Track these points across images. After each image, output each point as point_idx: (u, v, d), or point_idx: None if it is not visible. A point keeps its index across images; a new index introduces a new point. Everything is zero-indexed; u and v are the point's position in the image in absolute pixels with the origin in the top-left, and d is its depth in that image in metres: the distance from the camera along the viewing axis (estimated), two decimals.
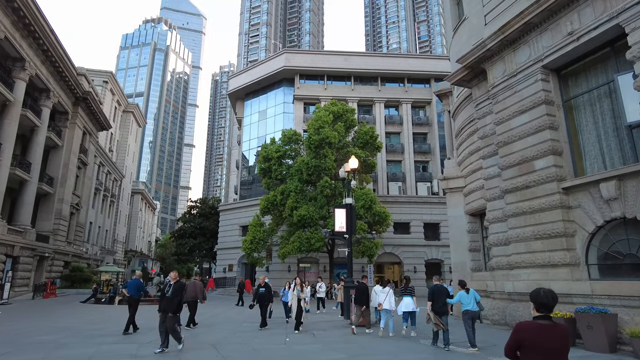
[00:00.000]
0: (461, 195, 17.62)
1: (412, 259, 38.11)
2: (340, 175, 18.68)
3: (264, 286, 13.99)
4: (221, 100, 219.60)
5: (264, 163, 34.00)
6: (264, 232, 32.97)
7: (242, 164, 46.99)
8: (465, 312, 9.95)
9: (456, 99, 18.48)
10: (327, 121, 31.08)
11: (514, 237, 12.61)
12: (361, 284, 13.50)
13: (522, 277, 12.17)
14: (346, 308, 16.21)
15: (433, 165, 42.41)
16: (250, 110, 47.08)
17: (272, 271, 36.99)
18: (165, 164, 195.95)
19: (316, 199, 30.72)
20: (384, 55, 47.56)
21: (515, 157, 12.89)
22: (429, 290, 10.33)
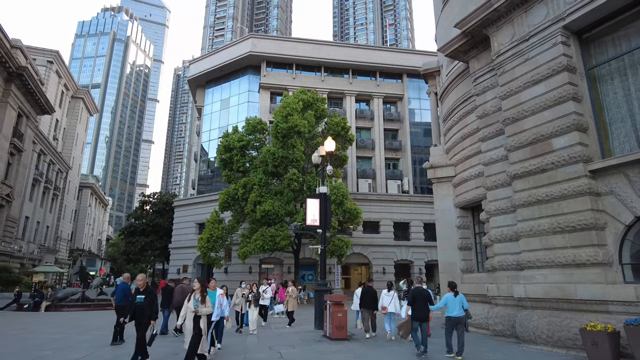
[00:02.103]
0: (450, 186, 15.49)
1: (382, 260, 36.08)
2: (314, 160, 16.11)
3: (144, 291, 8.68)
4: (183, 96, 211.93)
5: (224, 153, 30.86)
6: (223, 229, 29.83)
7: (201, 157, 43.43)
8: (448, 319, 9.06)
9: (445, 78, 16.38)
10: (297, 109, 28.43)
11: (526, 231, 10.47)
12: (369, 287, 12.69)
13: (536, 279, 10.03)
14: (318, 316, 13.60)
15: (404, 163, 40.70)
16: (211, 99, 43.62)
17: (231, 273, 33.82)
18: (121, 160, 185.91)
19: (282, 193, 27.97)
20: (356, 47, 45.53)
21: (526, 135, 10.79)
22: (410, 294, 9.42)
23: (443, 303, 9.28)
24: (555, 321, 9.32)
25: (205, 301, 7.84)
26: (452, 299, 9.10)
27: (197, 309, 7.72)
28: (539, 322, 9.64)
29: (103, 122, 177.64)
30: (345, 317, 11.40)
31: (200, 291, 7.90)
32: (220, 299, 9.52)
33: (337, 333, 11.18)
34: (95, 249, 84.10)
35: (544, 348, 9.44)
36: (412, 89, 42.75)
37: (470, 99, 14.33)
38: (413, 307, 9.17)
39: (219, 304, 9.32)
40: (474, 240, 14.63)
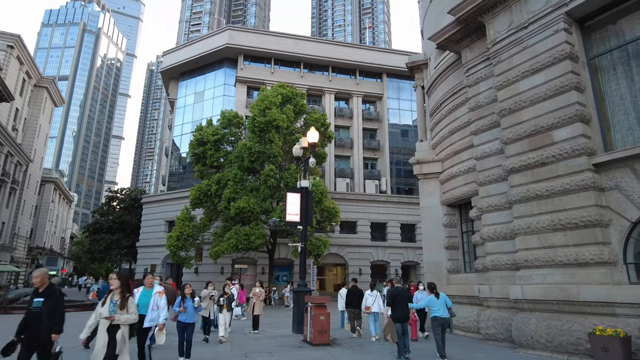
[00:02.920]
0: (437, 182, 14.82)
1: (358, 260, 35.35)
2: (295, 153, 15.11)
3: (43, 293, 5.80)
4: (156, 92, 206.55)
5: (197, 147, 29.43)
6: (194, 227, 28.41)
7: (172, 152, 41.61)
8: (434, 318, 8.70)
9: (433, 71, 15.74)
10: (275, 102, 27.35)
11: (523, 228, 9.83)
12: (354, 287, 12.98)
13: (534, 279, 9.39)
14: (297, 319, 12.61)
15: (382, 163, 40.20)
16: (185, 92, 41.89)
17: (201, 273, 32.32)
18: (89, 156, 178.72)
19: (258, 190, 26.81)
20: (337, 44, 44.80)
21: (525, 127, 10.18)
22: (387, 294, 9.15)
23: (425, 304, 8.99)
24: (555, 324, 8.68)
25: (128, 305, 5.76)
26: (434, 300, 8.82)
27: (113, 316, 5.60)
28: (537, 326, 8.99)
29: (70, 116, 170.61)
30: (328, 321, 10.48)
31: (120, 292, 5.80)
32: (158, 300, 7.43)
33: (319, 338, 10.23)
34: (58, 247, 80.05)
35: (543, 353, 8.80)
36: (391, 88, 42.37)
37: (460, 92, 13.71)
38: (392, 307, 8.77)
39: (154, 305, 7.39)
40: (461, 239, 14.00)
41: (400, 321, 8.75)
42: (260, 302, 13.64)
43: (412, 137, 42.05)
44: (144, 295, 7.64)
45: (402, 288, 9.33)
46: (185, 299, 8.43)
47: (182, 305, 8.30)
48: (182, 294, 8.51)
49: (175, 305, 8.42)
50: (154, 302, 7.50)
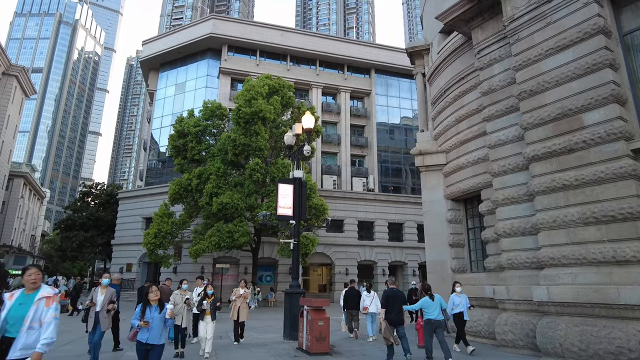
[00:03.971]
0: (440, 175, 13.77)
1: (345, 260, 34.22)
2: (287, 141, 13.81)
3: None
4: (135, 87, 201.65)
5: (178, 140, 27.77)
6: (173, 224, 26.73)
7: (151, 145, 39.67)
8: (428, 321, 8.46)
9: (436, 56, 14.68)
10: (262, 93, 25.95)
11: (547, 222, 8.81)
12: (352, 288, 13.02)
13: (562, 279, 8.36)
14: (289, 324, 11.32)
15: (369, 161, 39.19)
16: (165, 83, 39.99)
17: (181, 273, 30.59)
18: (64, 151, 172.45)
19: (243, 185, 25.36)
20: (324, 37, 43.53)
21: (548, 110, 9.16)
22: (383, 295, 8.63)
23: (419, 306, 8.67)
24: (589, 330, 7.66)
25: None
26: (429, 302, 8.48)
27: None
28: (567, 332, 7.95)
29: (45, 110, 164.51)
30: (328, 326, 9.24)
31: None
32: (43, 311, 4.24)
33: (317, 346, 8.98)
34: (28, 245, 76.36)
35: None
36: (379, 85, 41.45)
37: (468, 77, 12.68)
38: (387, 309, 8.37)
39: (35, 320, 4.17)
40: (467, 237, 12.97)
41: (395, 324, 8.36)
42: (247, 306, 11.20)
43: (400, 135, 41.27)
44: (18, 304, 4.26)
45: (397, 289, 8.82)
46: (148, 307, 5.75)
47: (144, 318, 5.65)
48: (144, 299, 5.84)
49: (134, 317, 5.73)
50: (33, 315, 4.18)
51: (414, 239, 36.75)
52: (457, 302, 9.84)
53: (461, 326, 9.85)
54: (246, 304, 11.05)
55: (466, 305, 9.84)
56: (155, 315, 5.68)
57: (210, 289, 9.52)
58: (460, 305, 9.77)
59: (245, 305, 10.99)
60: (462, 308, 9.75)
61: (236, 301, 10.94)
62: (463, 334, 9.84)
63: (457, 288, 9.90)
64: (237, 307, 10.86)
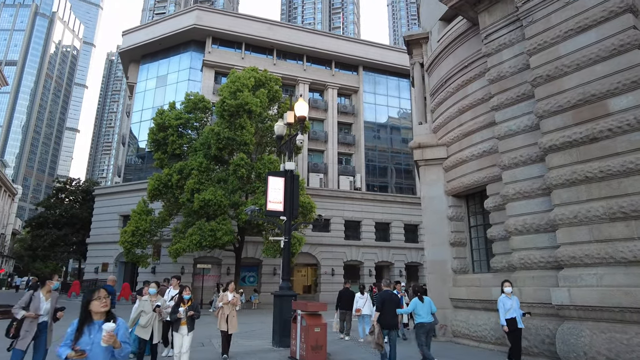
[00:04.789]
0: (440, 169, 12.96)
1: (331, 260, 33.29)
2: (277, 131, 12.79)
3: None
4: (116, 83, 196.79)
5: (158, 133, 26.39)
6: (152, 221, 25.37)
7: (130, 140, 37.98)
8: (420, 325, 8.06)
9: (436, 45, 13.89)
10: (248, 85, 24.82)
11: (567, 218, 8.04)
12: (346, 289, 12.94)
13: (586, 280, 7.59)
14: (279, 329, 10.30)
15: (357, 159, 38.39)
16: (146, 75, 38.37)
17: (160, 273, 29.12)
18: (40, 148, 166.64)
19: (226, 181, 24.16)
20: (312, 32, 42.59)
21: (568, 96, 8.41)
22: (377, 298, 8.27)
23: (411, 308, 8.22)
24: (619, 338, 6.90)
25: None
26: (420, 305, 8.08)
27: None
28: (593, 339, 7.18)
29: (19, 104, 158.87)
30: (325, 334, 8.27)
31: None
32: None
33: (313, 356, 7.99)
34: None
35: None
36: (367, 82, 40.72)
37: (472, 65, 11.91)
38: (381, 312, 7.95)
39: None
40: (469, 235, 12.18)
41: (389, 328, 7.99)
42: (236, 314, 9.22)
43: (388, 134, 40.60)
44: None
45: (391, 292, 8.38)
46: (88, 325, 3.48)
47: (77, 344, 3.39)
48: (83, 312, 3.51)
49: (65, 341, 3.44)
50: None
51: (401, 239, 36.12)
52: (507, 306, 7.90)
53: (516, 338, 7.88)
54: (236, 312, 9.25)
55: (519, 309, 8.00)
56: (94, 338, 3.40)
57: (187, 293, 7.72)
58: (512, 309, 7.88)
59: (236, 313, 9.22)
60: (515, 313, 7.85)
61: (224, 308, 9.03)
62: (518, 349, 7.87)
63: (506, 288, 8.08)
64: (226, 316, 8.98)
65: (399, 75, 42.06)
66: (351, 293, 12.82)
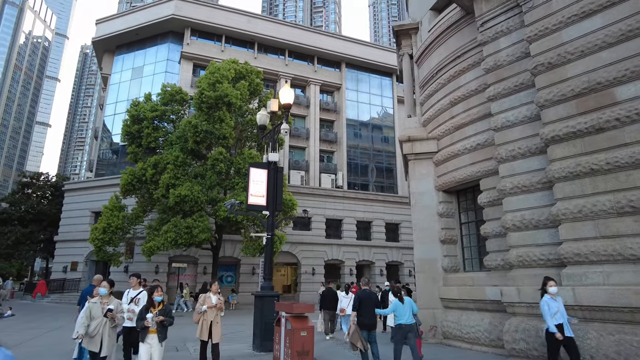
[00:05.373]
0: (430, 163, 12.44)
1: (311, 259, 32.61)
2: (260, 120, 12.00)
3: None
4: (90, 77, 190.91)
5: (132, 126, 25.17)
6: (125, 218, 24.15)
7: (103, 134, 36.35)
8: (399, 326, 7.76)
9: (426, 35, 13.37)
10: (227, 77, 23.87)
11: (571, 212, 7.57)
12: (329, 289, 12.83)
13: (591, 279, 7.13)
14: (260, 332, 9.53)
15: (339, 157, 37.80)
16: (121, 66, 36.79)
17: (133, 272, 27.81)
18: (7, 142, 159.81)
19: (204, 177, 23.16)
20: (294, 26, 41.70)
21: (571, 85, 7.96)
22: (354, 297, 8.06)
23: (391, 310, 7.95)
24: (629, 340, 6.44)
25: None
26: (400, 306, 7.81)
27: None
28: (600, 341, 6.71)
29: None
30: (312, 338, 7.56)
31: None
32: None
33: None
34: None
35: None
36: (350, 79, 40.19)
37: (466, 54, 11.41)
38: (359, 312, 7.72)
39: None
40: (460, 232, 11.69)
41: (367, 329, 7.74)
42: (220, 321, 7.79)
43: (370, 132, 40.15)
44: None
45: (369, 291, 8.13)
46: None
47: None
48: None
49: None
50: None
51: (382, 238, 35.76)
52: (554, 309, 6.71)
53: (571, 348, 6.57)
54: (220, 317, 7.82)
55: (565, 314, 6.82)
56: None
57: (159, 294, 6.33)
58: (559, 313, 6.71)
59: (220, 319, 7.77)
60: (562, 318, 6.70)
61: (207, 313, 7.52)
62: None
63: (551, 288, 6.82)
64: (209, 323, 7.50)
65: (382, 74, 41.73)
66: (334, 293, 12.84)
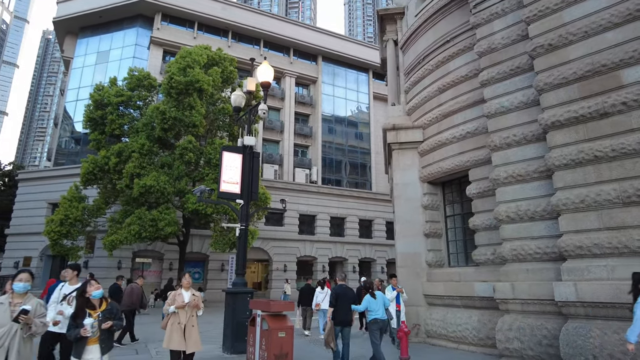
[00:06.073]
0: (415, 153, 11.83)
1: (284, 256, 31.72)
2: (235, 102, 11.01)
3: None
4: (53, 64, 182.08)
5: (95, 111, 23.51)
6: (85, 209, 22.51)
7: (64, 120, 34.12)
8: (374, 321, 7.55)
9: (413, 19, 12.75)
10: (200, 62, 22.62)
11: (573, 202, 7.07)
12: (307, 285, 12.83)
13: (594, 273, 6.64)
14: (231, 333, 8.61)
15: (313, 151, 36.99)
16: (85, 50, 34.62)
17: (93, 268, 26.09)
18: None
19: (171, 167, 21.84)
20: (270, 15, 40.45)
21: (574, 67, 7.46)
22: (331, 293, 7.80)
23: (365, 305, 7.65)
24: None
25: None
26: (372, 301, 7.58)
27: None
28: (604, 340, 6.21)
29: None
30: (291, 339, 6.76)
31: None
32: None
33: None
34: None
35: None
36: (326, 73, 39.45)
37: (456, 39, 10.85)
38: (335, 308, 7.41)
39: None
40: (445, 225, 11.14)
41: (342, 325, 7.46)
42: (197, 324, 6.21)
43: (345, 127, 39.56)
44: None
45: (346, 286, 7.88)
46: None
47: None
48: None
49: None
50: None
51: (355, 234, 35.28)
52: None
53: None
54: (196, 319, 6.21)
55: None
56: None
57: (96, 288, 4.80)
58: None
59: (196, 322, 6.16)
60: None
61: (178, 315, 5.98)
62: None
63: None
64: (183, 328, 5.92)
65: (358, 69, 41.24)
66: (312, 289, 12.71)
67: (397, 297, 9.41)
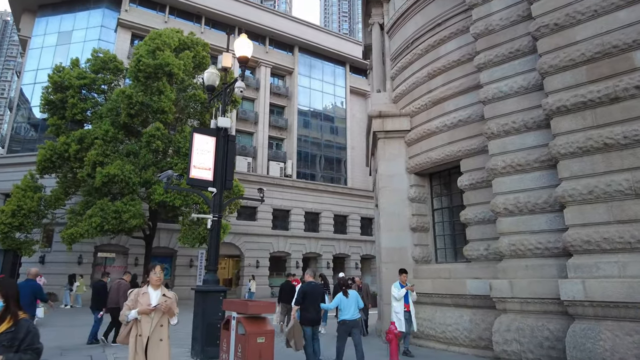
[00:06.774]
0: (402, 143, 11.15)
1: (256, 251, 30.69)
2: (208, 80, 9.98)
3: None
4: (11, 48, 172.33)
5: (55, 94, 21.78)
6: (41, 200, 20.83)
7: (20, 104, 31.76)
8: (342, 322, 7.18)
9: (402, 1, 12.04)
10: (170, 45, 21.27)
11: (580, 193, 6.52)
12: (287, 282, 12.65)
13: (604, 270, 6.11)
14: (201, 337, 7.67)
15: (289, 144, 36.03)
16: (45, 29, 32.28)
17: (50, 264, 24.36)
18: None
19: (137, 155, 20.48)
20: (246, 3, 38.79)
21: (581, 48, 6.91)
22: (299, 290, 7.56)
23: (335, 304, 7.41)
24: None
25: None
26: (344, 300, 7.25)
27: None
28: (616, 342, 5.68)
29: None
30: (272, 344, 5.88)
31: None
32: None
33: None
34: None
35: None
36: (303, 65, 38.52)
37: (448, 22, 10.21)
38: (302, 306, 7.21)
39: None
40: (432, 219, 10.53)
41: (311, 324, 7.21)
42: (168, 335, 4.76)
43: (321, 121, 38.77)
44: None
45: (315, 283, 7.57)
46: None
47: None
48: None
49: None
50: None
51: (330, 230, 34.65)
52: None
53: None
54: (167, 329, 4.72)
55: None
56: None
57: None
58: None
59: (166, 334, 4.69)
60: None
61: (140, 324, 4.53)
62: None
63: None
64: (145, 341, 4.47)
65: (335, 62, 40.54)
66: (292, 286, 12.16)
67: (405, 296, 8.53)
